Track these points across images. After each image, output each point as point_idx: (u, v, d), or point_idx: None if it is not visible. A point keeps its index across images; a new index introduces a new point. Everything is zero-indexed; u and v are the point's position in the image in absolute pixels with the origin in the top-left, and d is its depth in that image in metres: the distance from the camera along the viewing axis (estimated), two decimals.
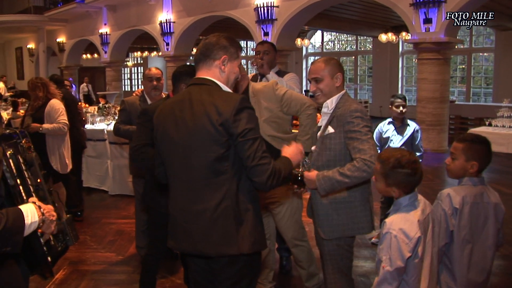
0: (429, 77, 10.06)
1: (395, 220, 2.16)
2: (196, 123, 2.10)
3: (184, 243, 2.23)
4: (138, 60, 28.40)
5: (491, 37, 16.35)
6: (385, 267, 2.11)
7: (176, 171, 2.22)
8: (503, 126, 8.38)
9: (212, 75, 2.20)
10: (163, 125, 2.23)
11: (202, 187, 2.14)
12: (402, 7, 10.02)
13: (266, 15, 12.15)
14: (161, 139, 2.25)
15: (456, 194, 2.46)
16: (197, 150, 2.12)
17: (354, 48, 20.58)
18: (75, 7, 18.16)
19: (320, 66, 2.69)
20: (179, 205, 2.23)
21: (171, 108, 2.22)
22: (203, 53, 2.21)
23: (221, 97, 2.11)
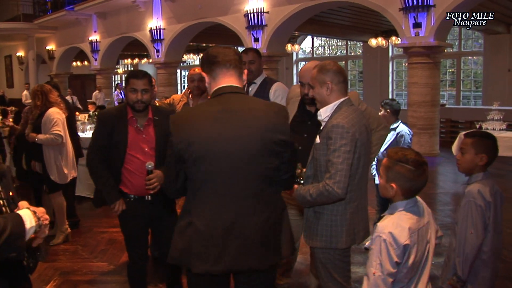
0: (420, 81, 10.11)
1: (387, 223, 2.10)
2: (251, 134, 2.06)
3: (229, 262, 2.09)
4: (129, 67, 28.33)
5: (479, 40, 16.48)
6: (376, 273, 2.06)
7: (224, 185, 2.09)
8: (493, 129, 8.43)
9: (241, 83, 2.22)
10: (204, 136, 2.05)
11: (256, 200, 2.12)
12: (392, 12, 10.07)
13: (256, 21, 12.17)
14: (202, 152, 2.06)
15: (484, 189, 2.60)
16: (253, 162, 2.08)
17: (344, 53, 20.66)
18: (65, 15, 18.09)
19: (313, 74, 2.64)
20: (226, 222, 2.09)
21: (210, 118, 2.09)
22: (239, 62, 2.22)
23: (269, 106, 2.19)
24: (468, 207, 2.61)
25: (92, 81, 22.09)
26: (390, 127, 4.75)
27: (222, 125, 2.06)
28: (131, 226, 3.24)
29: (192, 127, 2.08)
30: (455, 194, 7.38)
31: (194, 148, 2.05)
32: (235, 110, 2.08)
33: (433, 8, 9.43)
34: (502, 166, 9.56)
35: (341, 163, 2.41)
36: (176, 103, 4.44)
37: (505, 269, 4.35)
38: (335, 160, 2.41)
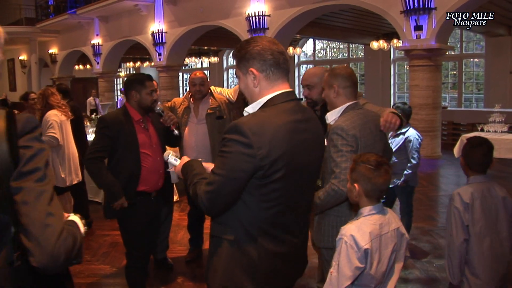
0: (421, 84, 10.12)
1: (350, 227, 2.15)
2: (320, 145, 2.03)
3: (294, 276, 2.08)
4: (131, 70, 28.39)
5: (481, 43, 16.48)
6: (333, 272, 2.11)
7: (294, 201, 1.91)
8: (495, 131, 8.43)
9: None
10: (289, 149, 1.80)
11: (308, 210, 2.05)
12: (393, 15, 10.09)
13: (258, 24, 12.20)
14: (289, 167, 1.81)
15: (464, 192, 2.69)
16: (318, 171, 2.07)
17: (346, 56, 20.68)
18: (67, 18, 18.17)
19: (325, 77, 2.74)
20: (294, 241, 1.97)
21: (290, 128, 1.82)
22: (289, 68, 1.95)
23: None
24: (448, 210, 2.76)
25: (94, 85, 22.14)
26: (399, 131, 4.76)
27: (299, 137, 1.85)
28: (135, 224, 3.33)
29: (277, 138, 1.77)
30: None
31: (280, 163, 1.77)
32: (308, 119, 1.92)
33: (434, 10, 9.45)
34: (504, 168, 9.55)
35: (344, 162, 2.46)
36: (177, 106, 4.47)
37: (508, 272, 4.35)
38: (338, 160, 2.47)
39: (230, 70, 24.35)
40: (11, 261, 1.32)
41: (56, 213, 1.30)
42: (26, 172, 1.28)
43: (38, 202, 1.26)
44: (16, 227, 1.30)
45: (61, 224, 1.30)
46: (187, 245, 4.81)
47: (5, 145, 1.26)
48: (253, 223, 1.84)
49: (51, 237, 1.25)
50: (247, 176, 1.76)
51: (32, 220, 1.25)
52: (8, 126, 1.28)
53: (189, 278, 4.26)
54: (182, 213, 6.18)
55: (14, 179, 1.27)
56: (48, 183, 1.31)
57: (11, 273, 1.32)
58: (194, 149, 4.33)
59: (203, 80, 4.37)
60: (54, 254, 1.25)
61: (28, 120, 1.33)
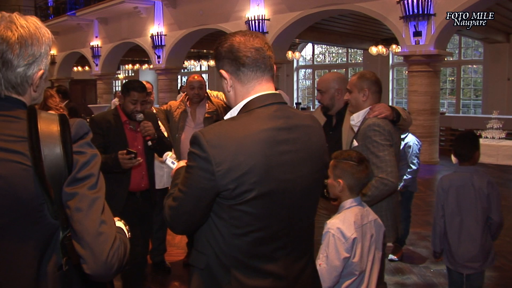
0: (420, 89, 10.14)
1: (335, 221, 2.27)
2: (316, 158, 1.62)
3: None
4: (129, 72, 28.39)
5: (479, 49, 16.55)
6: (321, 264, 2.19)
7: (278, 227, 1.55)
8: (492, 138, 8.46)
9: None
10: (265, 162, 1.47)
11: (305, 237, 1.67)
12: (392, 20, 10.12)
13: (257, 28, 12.21)
14: (264, 186, 1.48)
15: (446, 178, 3.28)
16: (314, 191, 1.65)
17: (345, 61, 20.72)
18: (66, 20, 18.17)
19: (352, 80, 2.87)
20: (279, 272, 1.58)
21: (264, 138, 1.49)
22: (272, 65, 1.60)
23: (312, 119, 1.71)
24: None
25: (92, 86, 22.13)
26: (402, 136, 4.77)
27: (282, 148, 1.51)
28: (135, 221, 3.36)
29: (244, 151, 1.46)
30: None
31: (250, 181, 1.45)
32: (293, 127, 1.56)
33: (433, 16, 9.48)
34: (502, 175, 9.57)
35: (388, 154, 2.61)
36: (173, 110, 4.40)
37: (503, 278, 4.36)
38: (381, 154, 2.61)
39: None
40: (60, 266, 1.31)
41: (109, 221, 1.29)
42: (80, 178, 1.27)
43: (92, 209, 1.25)
44: (64, 232, 1.30)
45: (113, 232, 1.29)
46: (184, 248, 4.80)
47: (59, 149, 1.25)
48: (225, 251, 1.53)
49: (105, 246, 1.24)
50: (208, 195, 1.48)
51: (86, 227, 1.24)
52: (62, 130, 1.27)
53: (186, 281, 4.25)
54: None
55: (68, 185, 1.26)
56: (100, 189, 1.30)
57: (61, 277, 1.32)
58: None
59: (202, 83, 4.33)
60: (107, 263, 1.24)
61: (80, 124, 1.32)
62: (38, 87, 1.37)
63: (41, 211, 1.25)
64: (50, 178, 1.24)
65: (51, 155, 1.24)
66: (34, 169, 1.22)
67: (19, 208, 1.23)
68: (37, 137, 1.24)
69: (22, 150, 1.22)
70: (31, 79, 1.33)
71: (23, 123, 1.26)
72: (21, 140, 1.23)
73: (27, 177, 1.22)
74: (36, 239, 1.27)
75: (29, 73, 1.32)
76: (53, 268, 1.30)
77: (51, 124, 1.27)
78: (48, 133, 1.25)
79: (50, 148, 1.24)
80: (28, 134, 1.24)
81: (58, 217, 1.27)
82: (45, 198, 1.24)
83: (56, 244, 1.31)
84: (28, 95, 1.36)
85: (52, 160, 1.24)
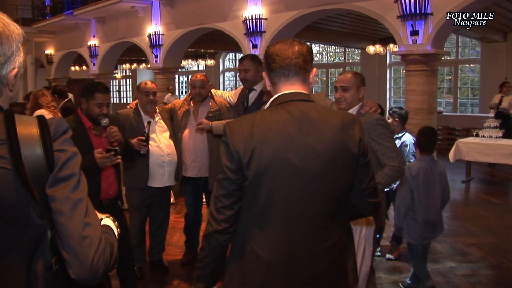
0: (417, 89, 10.15)
1: None
2: (331, 149, 1.75)
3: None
4: (127, 72, 28.35)
5: (476, 48, 16.57)
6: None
7: (290, 207, 1.75)
8: (490, 137, 8.47)
9: (307, 89, 1.88)
10: (271, 146, 1.73)
11: (326, 224, 1.80)
12: (390, 19, 10.13)
13: (254, 27, 12.21)
14: (267, 163, 1.73)
15: (413, 166, 3.96)
16: (330, 180, 1.77)
17: (342, 60, 20.73)
18: (64, 19, 18.12)
19: (350, 77, 3.09)
20: (292, 249, 1.77)
21: (280, 128, 1.75)
22: (301, 66, 1.84)
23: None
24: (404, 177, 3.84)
25: None
26: (395, 135, 4.80)
27: (292, 139, 1.74)
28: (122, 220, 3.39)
29: (257, 134, 1.75)
30: (452, 202, 7.41)
31: (259, 158, 1.72)
32: (306, 119, 1.77)
33: (430, 16, 9.49)
34: (499, 174, 9.60)
35: (395, 145, 2.93)
36: (177, 109, 4.42)
37: (499, 276, 4.38)
38: (390, 145, 2.89)
39: (227, 72, 24.36)
40: (50, 266, 1.30)
41: (93, 223, 1.27)
42: (61, 178, 1.24)
43: (75, 212, 1.23)
44: (52, 231, 1.28)
45: (98, 234, 1.27)
46: (182, 247, 4.81)
47: (39, 149, 1.22)
48: (247, 228, 1.81)
49: (89, 250, 1.23)
50: (234, 176, 1.76)
51: (69, 231, 1.22)
52: (41, 130, 1.24)
53: (184, 280, 4.26)
54: (178, 215, 6.18)
55: (50, 186, 1.24)
56: (83, 190, 1.28)
57: (51, 277, 1.30)
58: (192, 152, 4.31)
59: (204, 82, 4.32)
60: (92, 267, 1.23)
61: (59, 122, 1.29)
62: (13, 86, 1.34)
63: (26, 213, 1.22)
64: (33, 179, 1.21)
65: (32, 156, 1.21)
66: (15, 171, 1.19)
67: (3, 214, 1.20)
68: (16, 138, 1.20)
69: (1, 154, 1.19)
70: (5, 79, 1.29)
71: (0, 126, 1.22)
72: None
73: (8, 181, 1.19)
74: (24, 241, 1.25)
75: (3, 73, 1.28)
76: (42, 269, 1.29)
77: (29, 126, 1.24)
78: (27, 134, 1.22)
79: (30, 149, 1.21)
80: (7, 136, 1.20)
81: (45, 217, 1.25)
82: (30, 200, 1.22)
83: (45, 244, 1.29)
84: (4, 96, 1.32)
85: (33, 161, 1.21)
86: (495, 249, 5.03)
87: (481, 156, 8.23)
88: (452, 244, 5.17)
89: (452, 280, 4.23)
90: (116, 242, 1.39)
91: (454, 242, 5.23)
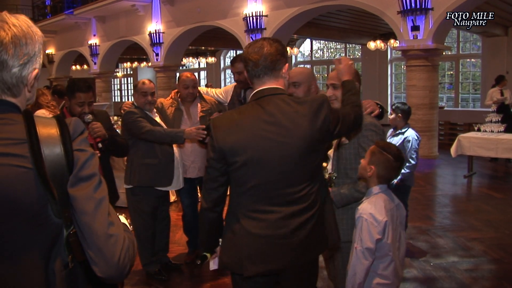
0: (418, 84, 10.15)
1: (366, 206, 2.45)
2: (301, 134, 2.03)
3: (280, 261, 2.11)
4: (128, 70, 28.38)
5: (477, 43, 16.53)
6: (357, 247, 2.41)
7: (271, 187, 2.07)
8: (491, 131, 8.46)
9: (281, 84, 2.14)
10: (251, 139, 2.04)
11: (303, 199, 2.11)
12: (390, 15, 10.12)
13: (255, 24, 12.21)
14: (250, 155, 2.04)
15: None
16: (299, 163, 2.06)
17: (343, 56, 20.66)
18: (64, 19, 18.13)
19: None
20: (276, 224, 2.08)
21: (256, 121, 2.06)
22: (268, 67, 2.09)
23: (311, 102, 2.08)
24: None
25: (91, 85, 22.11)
26: (398, 131, 4.80)
27: (268, 128, 2.03)
28: None
29: (238, 130, 2.06)
30: (454, 196, 7.41)
31: (239, 148, 2.04)
32: (278, 111, 2.05)
33: (431, 11, 9.48)
34: (501, 168, 9.59)
35: None
36: (165, 107, 4.25)
37: (502, 270, 4.38)
38: None
39: (227, 70, 24.33)
40: (66, 264, 1.31)
41: (116, 222, 1.29)
42: (83, 178, 1.26)
43: (98, 212, 1.25)
44: (68, 230, 1.29)
45: (122, 232, 1.29)
46: (185, 244, 4.81)
47: (59, 149, 1.23)
48: (235, 206, 2.16)
49: (115, 249, 1.25)
50: (217, 164, 2.10)
51: (95, 231, 1.24)
52: (61, 130, 1.26)
53: (187, 278, 4.26)
54: (180, 213, 6.18)
55: (72, 185, 1.25)
56: (104, 189, 1.29)
57: (67, 275, 1.32)
58: (191, 153, 4.23)
59: (196, 82, 4.24)
60: (120, 265, 1.25)
61: (77, 123, 1.31)
62: (32, 87, 1.35)
63: (45, 212, 1.23)
64: (52, 178, 1.22)
65: (52, 155, 1.22)
66: (36, 170, 1.20)
67: (22, 213, 1.21)
68: (37, 138, 1.22)
69: (22, 153, 1.20)
70: (26, 79, 1.31)
71: (20, 125, 1.24)
72: (20, 142, 1.21)
73: (28, 180, 1.20)
74: (42, 240, 1.26)
75: (24, 73, 1.29)
76: (59, 267, 1.30)
77: (49, 126, 1.26)
78: (47, 134, 1.24)
79: (50, 149, 1.23)
80: (28, 135, 1.22)
81: (62, 215, 1.26)
82: (49, 199, 1.22)
83: (61, 243, 1.30)
84: (23, 96, 1.34)
85: (53, 160, 1.22)
86: (497, 243, 5.03)
87: (483, 151, 8.22)
88: (455, 239, 5.17)
89: (455, 275, 4.24)
90: (135, 239, 1.41)
91: (456, 237, 5.23)
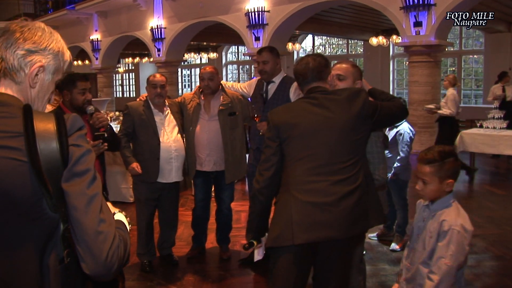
0: (420, 80, 10.13)
1: (454, 217, 2.25)
2: (340, 115, 2.47)
3: (329, 230, 2.33)
4: (130, 66, 28.33)
5: (480, 39, 16.48)
6: (448, 263, 2.18)
7: (318, 159, 2.41)
8: (493, 128, 8.44)
9: (326, 86, 2.65)
10: (300, 119, 2.50)
11: (348, 171, 2.41)
12: (392, 11, 10.09)
13: (257, 20, 12.19)
14: (299, 129, 2.47)
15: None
16: (343, 134, 2.45)
17: (345, 52, 20.67)
18: (66, 14, 18.12)
19: (348, 67, 2.87)
20: (325, 193, 2.36)
21: (303, 106, 2.55)
22: (315, 77, 2.60)
23: (347, 95, 2.56)
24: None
25: (93, 80, 22.10)
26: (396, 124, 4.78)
27: (315, 110, 2.48)
28: None
29: (290, 111, 2.57)
30: (456, 193, 7.39)
31: (293, 125, 2.47)
32: (323, 98, 2.51)
33: (433, 7, 9.45)
34: (503, 165, 9.58)
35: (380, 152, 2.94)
36: (187, 102, 4.33)
37: (504, 267, 4.38)
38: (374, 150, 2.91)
39: (229, 65, 24.33)
40: (62, 259, 1.31)
41: (108, 219, 1.28)
42: (77, 173, 1.26)
43: (90, 208, 1.25)
44: (64, 224, 1.29)
45: (113, 230, 1.28)
46: (187, 240, 4.82)
47: (55, 143, 1.24)
48: (286, 179, 2.47)
49: (104, 246, 1.24)
50: (273, 143, 2.53)
51: (84, 227, 1.24)
52: (58, 125, 1.26)
53: (189, 274, 4.27)
54: (182, 208, 6.18)
55: (65, 180, 1.25)
56: (98, 186, 1.29)
57: (62, 271, 1.32)
58: (207, 146, 4.23)
59: (213, 74, 4.22)
60: (107, 263, 1.25)
61: (75, 118, 1.31)
62: (35, 82, 1.35)
63: (40, 206, 1.24)
64: (47, 172, 1.22)
65: (47, 149, 1.23)
66: (31, 164, 1.21)
67: (17, 206, 1.21)
68: (33, 131, 1.22)
69: (18, 146, 1.21)
70: (27, 67, 1.32)
71: (18, 119, 1.24)
72: (16, 135, 1.22)
73: (23, 173, 1.21)
74: (37, 234, 1.26)
75: (27, 60, 1.32)
76: (54, 262, 1.30)
77: (46, 121, 1.26)
78: (44, 128, 1.24)
79: (46, 143, 1.23)
80: (24, 129, 1.22)
81: (58, 210, 1.26)
82: (43, 193, 1.23)
83: (57, 238, 1.30)
84: (24, 88, 1.34)
85: (48, 155, 1.23)
86: (499, 240, 5.03)
87: (485, 147, 8.20)
88: None
89: None
90: (129, 237, 1.41)
91: None
